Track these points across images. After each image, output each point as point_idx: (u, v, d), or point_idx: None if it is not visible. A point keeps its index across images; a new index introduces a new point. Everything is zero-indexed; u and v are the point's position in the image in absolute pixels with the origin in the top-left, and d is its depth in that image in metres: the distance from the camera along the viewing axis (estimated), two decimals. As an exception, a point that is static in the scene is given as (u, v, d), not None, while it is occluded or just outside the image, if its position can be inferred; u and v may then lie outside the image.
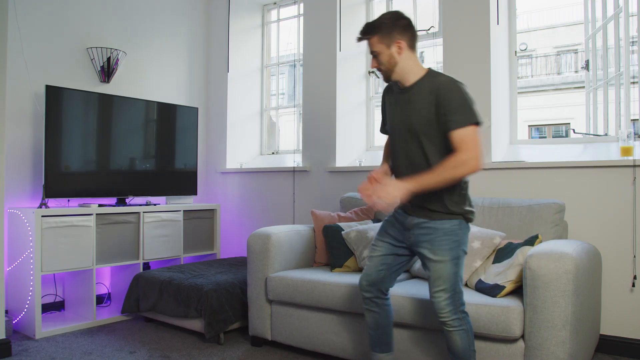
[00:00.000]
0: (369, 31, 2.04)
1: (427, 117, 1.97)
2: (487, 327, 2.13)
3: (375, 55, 2.04)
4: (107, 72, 3.84)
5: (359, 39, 2.08)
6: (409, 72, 2.03)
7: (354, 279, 2.60)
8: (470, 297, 2.23)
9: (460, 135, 1.90)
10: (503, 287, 2.26)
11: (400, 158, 2.09)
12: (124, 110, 3.75)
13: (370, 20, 2.29)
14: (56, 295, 3.61)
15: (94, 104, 3.61)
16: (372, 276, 2.14)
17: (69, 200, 3.52)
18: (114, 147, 3.71)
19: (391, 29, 2.01)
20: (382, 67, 2.04)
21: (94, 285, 3.37)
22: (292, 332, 2.77)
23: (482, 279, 2.42)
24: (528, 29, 12.55)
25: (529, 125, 12.39)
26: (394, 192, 1.88)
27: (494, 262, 2.48)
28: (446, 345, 2.04)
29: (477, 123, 1.92)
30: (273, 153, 4.69)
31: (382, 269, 2.13)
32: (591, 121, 3.32)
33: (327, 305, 2.60)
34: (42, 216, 3.13)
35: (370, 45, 2.05)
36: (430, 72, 2.03)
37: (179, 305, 3.09)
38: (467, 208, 2.10)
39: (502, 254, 2.46)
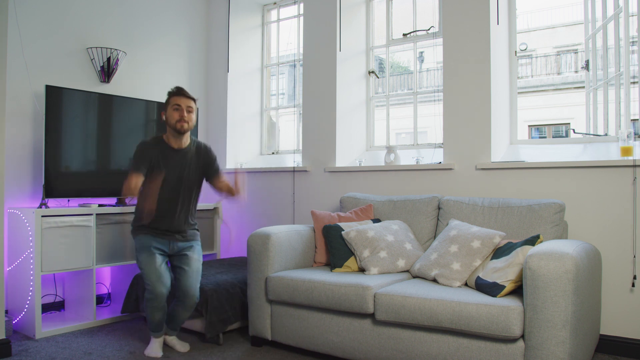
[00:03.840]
0: (193, 97, 2.90)
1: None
2: (487, 327, 2.13)
3: (190, 111, 2.82)
4: (107, 72, 3.84)
5: (188, 95, 2.85)
6: (188, 137, 2.93)
7: (354, 279, 2.60)
8: (470, 297, 2.24)
9: None
10: (503, 287, 2.26)
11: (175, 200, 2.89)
12: (124, 110, 3.75)
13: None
14: (56, 295, 3.61)
15: (94, 104, 3.61)
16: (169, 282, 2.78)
17: (69, 200, 3.52)
18: (114, 147, 3.71)
19: (197, 106, 2.96)
20: (191, 123, 2.83)
21: (94, 285, 3.37)
22: (292, 332, 2.77)
23: (481, 275, 2.42)
24: (528, 29, 12.54)
25: (529, 125, 12.39)
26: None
27: (492, 259, 2.48)
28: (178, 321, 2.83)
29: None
30: (273, 153, 4.69)
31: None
32: (591, 121, 3.32)
33: (327, 305, 2.60)
34: (42, 216, 3.13)
35: (190, 102, 2.85)
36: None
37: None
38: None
39: (501, 251, 2.47)
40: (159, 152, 2.80)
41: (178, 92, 2.85)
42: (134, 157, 2.78)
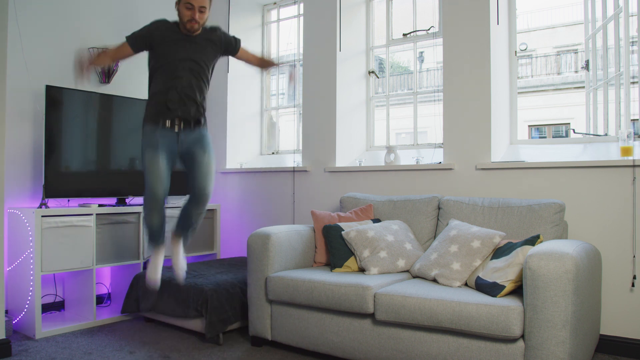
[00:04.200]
0: None
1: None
2: (487, 327, 2.13)
3: (202, 9, 2.69)
4: (107, 72, 3.84)
5: None
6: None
7: (354, 279, 2.60)
8: (470, 297, 2.24)
9: None
10: (503, 287, 2.26)
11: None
12: (124, 110, 3.75)
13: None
14: (56, 295, 3.61)
15: (94, 104, 3.61)
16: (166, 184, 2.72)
17: (69, 200, 3.52)
18: (114, 147, 3.71)
19: (211, 2, 2.79)
20: (202, 22, 2.73)
21: (94, 285, 3.37)
22: (292, 332, 2.77)
23: (481, 275, 2.42)
24: (528, 29, 12.55)
25: (529, 125, 12.39)
26: None
27: (492, 259, 2.48)
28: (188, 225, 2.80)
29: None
30: (273, 153, 4.69)
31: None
32: (591, 121, 3.32)
33: (327, 305, 2.60)
34: (42, 216, 3.13)
35: (203, 2, 2.70)
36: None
37: (179, 305, 3.09)
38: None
39: (501, 251, 2.47)
40: (166, 32, 2.75)
41: None
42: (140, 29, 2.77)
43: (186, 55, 2.74)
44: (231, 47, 2.94)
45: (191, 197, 2.79)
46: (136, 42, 2.75)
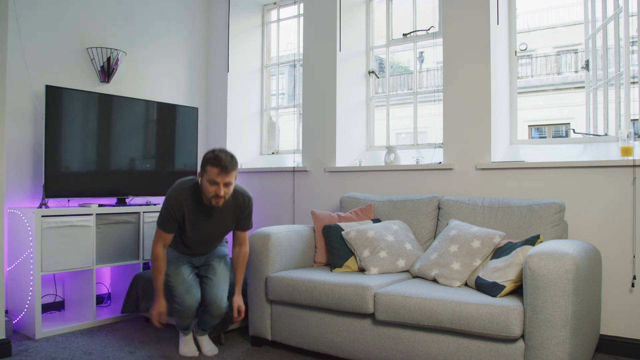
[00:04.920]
0: (235, 166, 2.52)
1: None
2: (487, 327, 2.13)
3: (228, 184, 2.49)
4: (107, 72, 3.84)
5: (228, 170, 2.46)
6: None
7: (354, 279, 2.60)
8: (470, 297, 2.24)
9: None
10: (503, 287, 2.26)
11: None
12: (124, 110, 3.75)
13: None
14: (56, 295, 3.61)
15: (94, 104, 3.61)
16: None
17: (69, 200, 3.52)
18: (114, 147, 3.71)
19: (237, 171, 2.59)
20: (226, 196, 2.52)
21: (94, 285, 3.37)
22: (292, 332, 2.77)
23: (481, 275, 2.42)
24: (528, 29, 12.54)
25: (529, 125, 12.38)
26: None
27: (492, 259, 2.48)
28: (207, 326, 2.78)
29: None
30: (273, 153, 4.69)
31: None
32: (591, 121, 3.32)
33: (327, 305, 2.60)
34: (42, 216, 3.13)
35: (229, 176, 2.48)
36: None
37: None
38: None
39: (501, 251, 2.47)
40: (188, 207, 2.60)
41: (217, 164, 2.44)
42: (162, 211, 2.61)
43: (208, 233, 2.70)
44: (240, 225, 2.76)
45: (205, 308, 2.73)
46: (170, 226, 2.62)
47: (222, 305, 2.68)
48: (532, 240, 2.36)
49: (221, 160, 2.42)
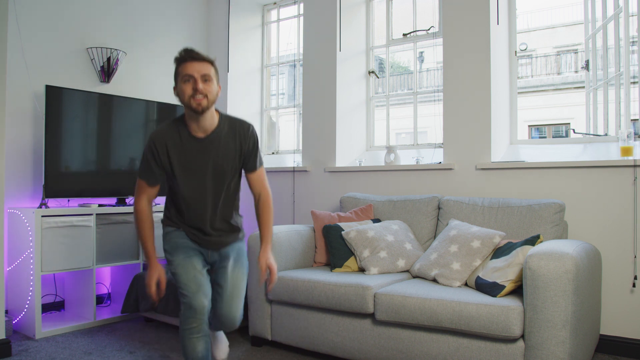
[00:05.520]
0: (210, 58, 2.07)
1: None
2: (487, 327, 2.13)
3: (206, 79, 2.02)
4: (107, 72, 3.84)
5: (201, 57, 2.04)
6: (213, 115, 2.12)
7: (354, 279, 2.60)
8: (470, 297, 2.24)
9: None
10: (503, 287, 2.26)
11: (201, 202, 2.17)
12: (124, 110, 3.75)
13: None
14: (56, 295, 3.61)
15: (94, 104, 3.61)
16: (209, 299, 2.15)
17: (69, 200, 3.52)
18: (114, 147, 3.71)
19: (218, 73, 2.12)
20: (210, 96, 2.03)
21: (94, 285, 3.37)
22: (292, 332, 2.77)
23: (481, 275, 2.42)
24: (528, 29, 12.54)
25: (529, 125, 12.39)
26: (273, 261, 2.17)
27: (492, 259, 2.48)
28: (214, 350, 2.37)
29: None
30: (273, 153, 4.69)
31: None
32: (591, 121, 3.32)
33: (327, 305, 2.60)
34: (42, 216, 3.13)
35: (204, 67, 2.03)
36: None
37: (179, 305, 3.08)
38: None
39: (501, 251, 2.47)
40: (174, 145, 2.10)
41: (187, 57, 2.03)
42: (142, 157, 2.16)
43: (207, 179, 2.13)
44: (249, 164, 2.22)
45: (215, 320, 2.28)
46: (152, 173, 2.13)
47: (234, 319, 2.22)
48: (532, 240, 2.36)
49: (190, 51, 2.04)
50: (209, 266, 2.25)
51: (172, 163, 2.10)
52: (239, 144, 2.16)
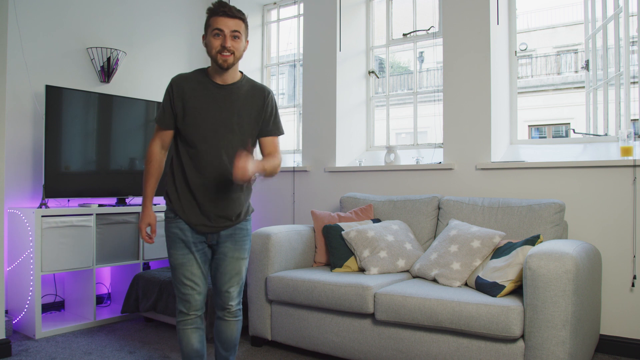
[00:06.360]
0: (242, 15, 2.04)
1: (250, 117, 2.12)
2: (487, 327, 2.13)
3: (235, 36, 2.00)
4: (107, 72, 3.84)
5: (234, 14, 2.01)
6: (236, 70, 2.12)
7: (354, 279, 2.60)
8: (470, 297, 2.24)
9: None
10: (503, 287, 2.26)
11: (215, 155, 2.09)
12: (124, 110, 3.75)
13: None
14: (56, 295, 3.61)
15: (94, 104, 3.61)
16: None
17: (69, 200, 3.52)
18: (114, 147, 3.71)
19: (248, 28, 2.10)
20: (237, 53, 2.02)
21: (94, 285, 3.37)
22: (292, 332, 2.77)
23: (481, 275, 2.42)
24: (528, 29, 12.55)
25: (529, 125, 12.39)
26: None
27: (492, 259, 2.48)
28: (218, 337, 2.20)
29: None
30: (273, 153, 4.69)
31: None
32: (591, 121, 3.32)
33: (327, 305, 2.60)
34: (42, 216, 3.13)
35: (236, 24, 2.00)
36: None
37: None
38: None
39: (501, 251, 2.47)
40: (192, 89, 2.05)
41: (219, 10, 1.99)
42: (162, 103, 2.10)
43: (221, 132, 2.07)
44: (266, 128, 2.18)
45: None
46: (167, 117, 2.08)
47: (230, 302, 2.16)
48: (532, 240, 2.36)
49: (224, 5, 2.01)
50: (209, 257, 2.17)
51: (187, 106, 2.05)
52: (259, 105, 2.12)
